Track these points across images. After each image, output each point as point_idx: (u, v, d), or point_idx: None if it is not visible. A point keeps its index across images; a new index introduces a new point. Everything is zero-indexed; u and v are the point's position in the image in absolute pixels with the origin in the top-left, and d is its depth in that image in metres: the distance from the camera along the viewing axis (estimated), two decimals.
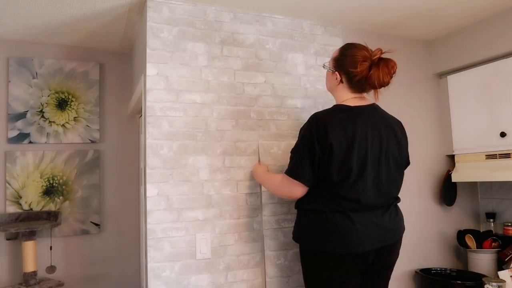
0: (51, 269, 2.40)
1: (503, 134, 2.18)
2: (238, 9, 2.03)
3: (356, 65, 1.50)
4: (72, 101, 2.56)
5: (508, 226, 2.39)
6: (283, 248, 1.96)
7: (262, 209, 1.94)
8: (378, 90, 1.56)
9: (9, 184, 2.37)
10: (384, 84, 1.49)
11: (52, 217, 2.37)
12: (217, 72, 1.95)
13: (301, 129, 1.57)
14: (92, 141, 2.60)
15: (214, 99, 1.93)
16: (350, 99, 1.56)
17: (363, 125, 1.48)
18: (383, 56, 1.50)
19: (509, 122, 2.15)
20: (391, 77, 1.49)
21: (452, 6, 2.12)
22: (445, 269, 2.40)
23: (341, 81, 1.57)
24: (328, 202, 1.48)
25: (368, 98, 1.61)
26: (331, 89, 1.68)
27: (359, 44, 1.56)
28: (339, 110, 1.54)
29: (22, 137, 2.42)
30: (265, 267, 1.91)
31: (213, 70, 1.95)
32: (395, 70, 1.49)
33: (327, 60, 2.20)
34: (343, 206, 1.46)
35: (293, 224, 1.87)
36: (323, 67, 1.69)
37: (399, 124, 1.63)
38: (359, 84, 1.54)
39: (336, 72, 1.58)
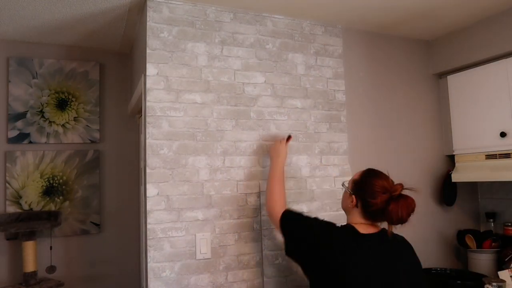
0: (51, 269, 2.40)
1: (503, 134, 2.18)
2: (238, 9, 2.03)
3: (375, 195, 1.44)
4: (72, 101, 2.56)
5: (508, 226, 2.39)
6: (281, 248, 1.95)
7: (261, 209, 1.94)
8: (393, 225, 1.47)
9: (9, 184, 2.37)
10: (402, 221, 1.41)
11: (52, 217, 2.37)
12: (217, 72, 1.95)
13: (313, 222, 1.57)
14: (92, 141, 2.60)
15: (214, 99, 1.93)
16: (360, 224, 1.50)
17: (367, 254, 1.42)
18: (404, 192, 1.43)
19: (509, 122, 2.15)
20: (409, 215, 1.40)
21: (452, 6, 2.12)
22: (445, 269, 2.40)
23: (356, 206, 1.51)
24: None
25: (378, 225, 1.53)
26: (345, 209, 1.62)
27: (381, 173, 1.50)
28: (351, 232, 1.48)
29: (22, 137, 2.42)
30: (263, 267, 1.91)
31: (213, 70, 1.95)
32: (414, 208, 1.41)
33: (327, 60, 2.22)
34: None
35: None
36: (342, 185, 1.62)
37: (408, 245, 1.56)
38: (373, 214, 1.48)
39: (353, 196, 1.52)
